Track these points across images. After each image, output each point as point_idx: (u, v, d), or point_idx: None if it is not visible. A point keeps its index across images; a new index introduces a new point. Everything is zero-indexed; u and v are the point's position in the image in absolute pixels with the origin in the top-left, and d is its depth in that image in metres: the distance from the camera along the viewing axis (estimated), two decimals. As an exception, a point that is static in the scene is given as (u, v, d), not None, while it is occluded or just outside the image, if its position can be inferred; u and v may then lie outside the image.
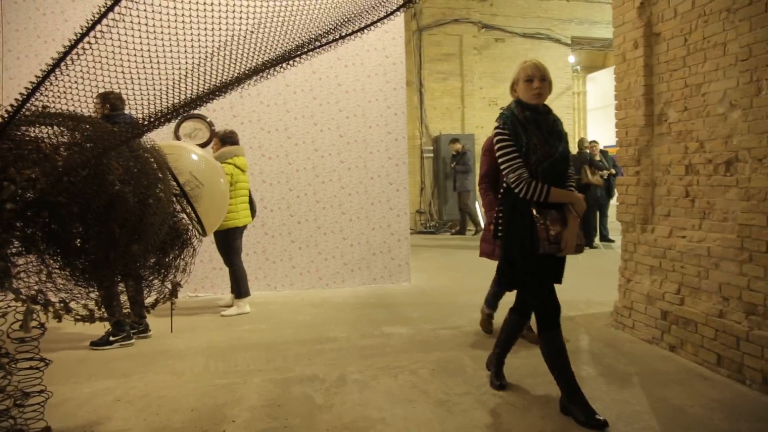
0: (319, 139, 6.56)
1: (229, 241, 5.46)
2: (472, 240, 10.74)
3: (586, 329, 4.54)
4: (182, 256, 2.68)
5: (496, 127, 2.96)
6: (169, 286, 2.76)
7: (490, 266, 4.03)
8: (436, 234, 11.43)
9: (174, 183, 2.63)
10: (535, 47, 13.23)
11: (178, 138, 6.33)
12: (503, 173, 2.93)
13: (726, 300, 3.51)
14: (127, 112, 4.93)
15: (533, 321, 4.35)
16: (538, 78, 2.93)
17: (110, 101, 4.77)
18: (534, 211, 2.83)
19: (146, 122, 2.05)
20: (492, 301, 4.54)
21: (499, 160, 2.92)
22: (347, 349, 4.24)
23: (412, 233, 11.48)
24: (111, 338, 4.48)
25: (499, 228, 3.09)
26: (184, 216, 2.63)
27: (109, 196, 2.15)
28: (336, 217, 6.61)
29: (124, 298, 2.81)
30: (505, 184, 3.00)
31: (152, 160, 2.44)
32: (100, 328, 4.43)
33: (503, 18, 13.15)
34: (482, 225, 11.67)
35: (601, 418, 2.80)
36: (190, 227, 2.72)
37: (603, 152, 9.68)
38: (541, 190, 2.82)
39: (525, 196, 2.84)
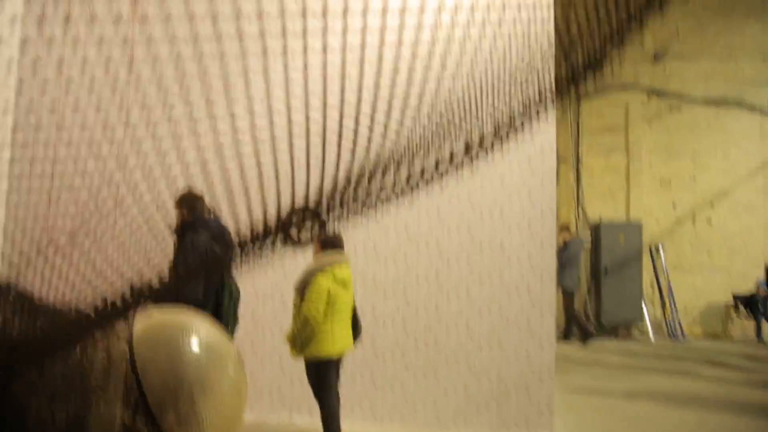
0: (445, 240, 5.40)
1: (320, 376, 4.40)
2: (644, 356, 8.69)
3: None
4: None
5: None
6: None
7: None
8: (591, 340, 9.52)
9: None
10: (720, 117, 10.99)
11: (289, 238, 5.51)
12: None
13: None
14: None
15: None
16: None
17: (187, 203, 4.05)
18: None
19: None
20: None
21: None
22: None
23: (561, 340, 9.72)
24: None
25: None
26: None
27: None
28: (462, 340, 5.31)
29: None
30: None
31: (95, 366, 1.47)
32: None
33: (679, 82, 11.10)
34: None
35: None
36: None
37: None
38: None
39: None
